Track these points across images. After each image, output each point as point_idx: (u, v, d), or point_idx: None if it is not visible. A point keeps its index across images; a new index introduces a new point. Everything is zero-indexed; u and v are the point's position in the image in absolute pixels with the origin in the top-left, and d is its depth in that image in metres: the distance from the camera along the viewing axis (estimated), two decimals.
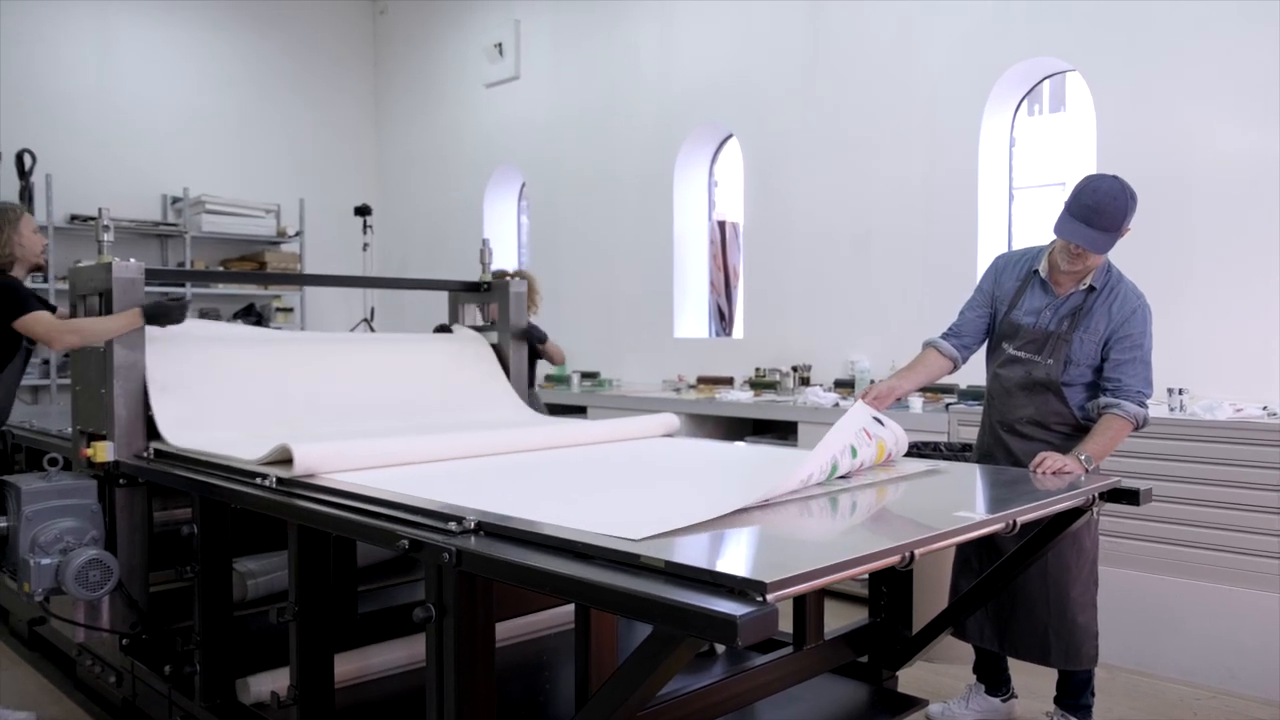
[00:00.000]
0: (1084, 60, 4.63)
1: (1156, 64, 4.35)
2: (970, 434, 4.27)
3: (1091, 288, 2.92)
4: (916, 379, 3.06)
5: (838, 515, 2.24)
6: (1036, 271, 3.00)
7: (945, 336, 3.13)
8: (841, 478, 2.45)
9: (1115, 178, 2.78)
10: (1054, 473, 2.65)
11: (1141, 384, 2.84)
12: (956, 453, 4.01)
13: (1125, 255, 4.43)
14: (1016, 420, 3.01)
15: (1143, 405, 2.83)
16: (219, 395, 3.28)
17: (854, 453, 2.48)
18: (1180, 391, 3.95)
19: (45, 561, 3.02)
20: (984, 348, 3.18)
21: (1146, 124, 4.39)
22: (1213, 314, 4.19)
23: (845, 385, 5.27)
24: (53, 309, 3.48)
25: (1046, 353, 2.92)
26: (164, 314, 3.06)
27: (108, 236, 3.23)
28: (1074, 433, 2.93)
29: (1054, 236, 2.89)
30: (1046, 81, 5.27)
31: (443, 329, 4.22)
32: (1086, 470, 2.67)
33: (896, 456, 2.75)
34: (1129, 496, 2.54)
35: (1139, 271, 4.37)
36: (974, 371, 4.86)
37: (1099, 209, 2.72)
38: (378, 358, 3.86)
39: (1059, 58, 4.77)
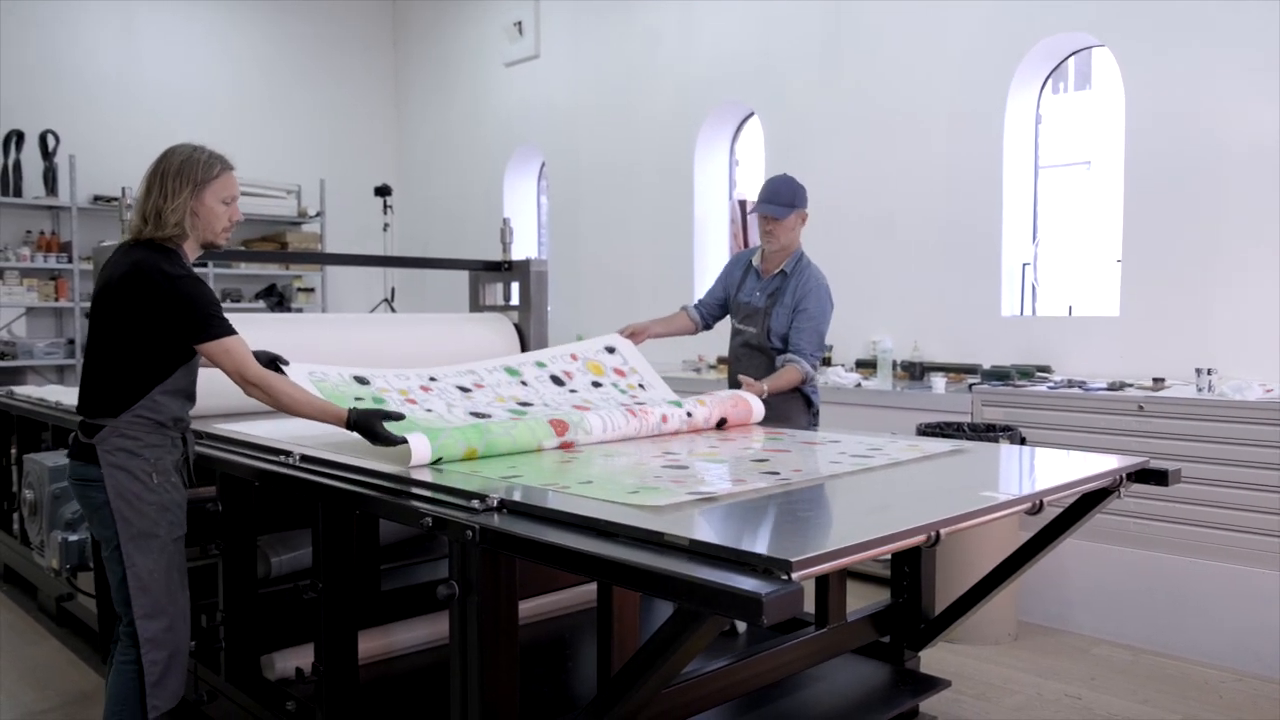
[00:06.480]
0: (1113, 36, 4.55)
1: (1187, 39, 4.26)
2: (994, 414, 4.25)
3: (784, 272, 3.62)
4: (664, 328, 3.87)
5: (862, 494, 2.23)
6: (751, 263, 3.75)
7: (696, 306, 3.94)
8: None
9: (786, 175, 3.65)
10: (748, 388, 3.34)
11: (812, 348, 3.55)
12: (980, 433, 3.98)
13: (1155, 233, 4.40)
14: (743, 378, 3.55)
15: (812, 364, 3.57)
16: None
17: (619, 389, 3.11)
18: (1209, 371, 3.90)
19: (71, 538, 3.05)
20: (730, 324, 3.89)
21: (1176, 100, 4.31)
22: (1243, 293, 4.12)
23: (867, 365, 5.22)
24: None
25: (756, 324, 3.66)
26: (369, 430, 2.47)
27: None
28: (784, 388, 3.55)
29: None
30: (1071, 59, 5.18)
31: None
32: (762, 389, 3.35)
33: (747, 417, 3.20)
34: (1157, 477, 2.51)
35: (1168, 249, 4.37)
36: (993, 355, 4.85)
37: (777, 190, 3.58)
38: (401, 334, 3.87)
39: (1087, 33, 4.69)
